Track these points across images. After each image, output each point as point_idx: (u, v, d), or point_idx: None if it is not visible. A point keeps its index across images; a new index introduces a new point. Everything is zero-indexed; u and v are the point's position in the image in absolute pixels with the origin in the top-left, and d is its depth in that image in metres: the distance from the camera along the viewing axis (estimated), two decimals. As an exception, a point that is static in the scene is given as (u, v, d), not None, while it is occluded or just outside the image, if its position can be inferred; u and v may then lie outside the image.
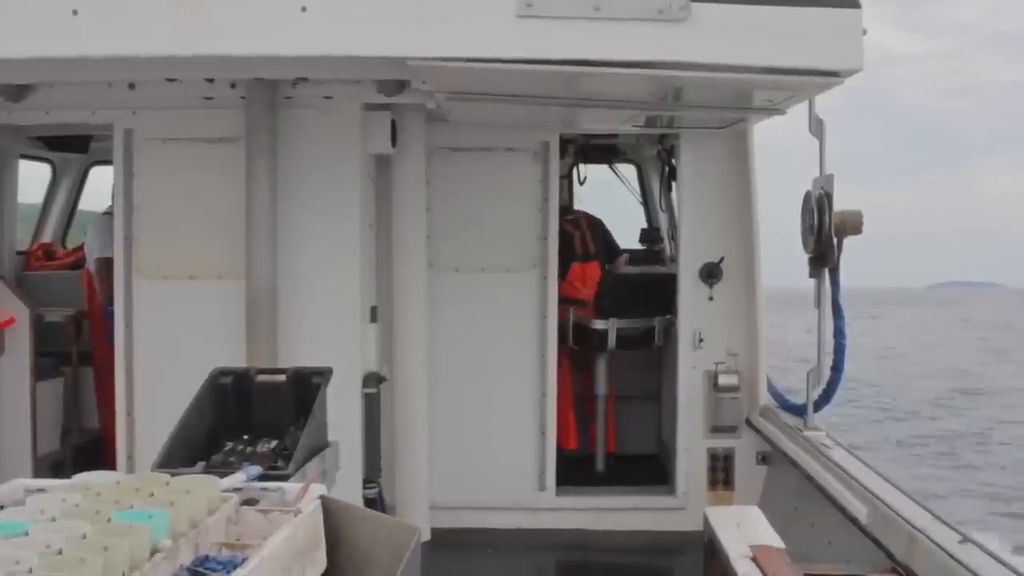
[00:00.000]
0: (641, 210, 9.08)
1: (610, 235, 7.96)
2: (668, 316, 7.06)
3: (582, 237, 7.44)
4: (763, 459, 6.30)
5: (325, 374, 3.92)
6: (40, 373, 6.28)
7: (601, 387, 7.36)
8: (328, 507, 2.67)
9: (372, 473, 5.71)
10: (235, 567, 2.20)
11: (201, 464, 3.33)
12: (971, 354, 40.04)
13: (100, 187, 8.32)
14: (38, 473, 5.92)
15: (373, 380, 5.70)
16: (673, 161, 7.25)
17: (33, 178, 8.31)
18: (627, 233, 8.80)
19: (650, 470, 7.21)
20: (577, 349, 7.15)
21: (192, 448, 3.52)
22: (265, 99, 5.37)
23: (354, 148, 5.63)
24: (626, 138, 8.00)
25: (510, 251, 6.41)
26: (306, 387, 3.87)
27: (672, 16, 4.18)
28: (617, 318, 7.07)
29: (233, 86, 5.42)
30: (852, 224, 5.35)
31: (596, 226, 7.70)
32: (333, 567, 2.64)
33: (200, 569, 2.21)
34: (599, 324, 7.06)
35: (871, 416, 22.69)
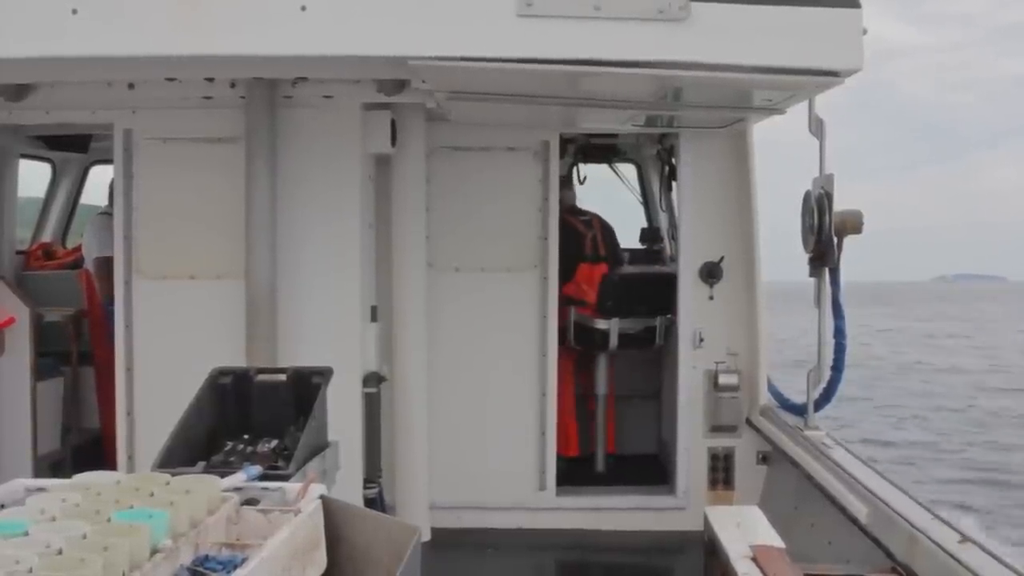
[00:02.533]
0: (641, 210, 9.08)
1: (616, 242, 7.90)
2: (669, 316, 7.06)
3: (593, 238, 7.42)
4: (763, 459, 6.30)
5: (325, 374, 3.92)
6: (40, 373, 6.27)
7: (601, 387, 7.36)
8: (328, 507, 2.67)
9: (372, 473, 5.71)
10: (235, 567, 2.20)
11: (201, 464, 3.33)
12: None
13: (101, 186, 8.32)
14: (38, 473, 5.91)
15: (373, 380, 5.69)
16: (673, 161, 7.24)
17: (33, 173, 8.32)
18: (627, 233, 8.81)
19: (650, 470, 7.21)
20: (579, 349, 7.15)
21: (192, 448, 3.52)
22: (265, 99, 5.37)
23: (354, 148, 5.63)
24: (626, 138, 7.99)
25: (510, 251, 6.41)
26: (306, 387, 3.87)
27: (672, 16, 4.18)
28: (620, 318, 7.07)
29: (233, 86, 5.42)
30: (852, 224, 5.36)
31: (607, 230, 7.69)
32: (333, 567, 2.64)
33: (200, 569, 2.21)
34: (601, 324, 7.06)
35: None
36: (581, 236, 7.26)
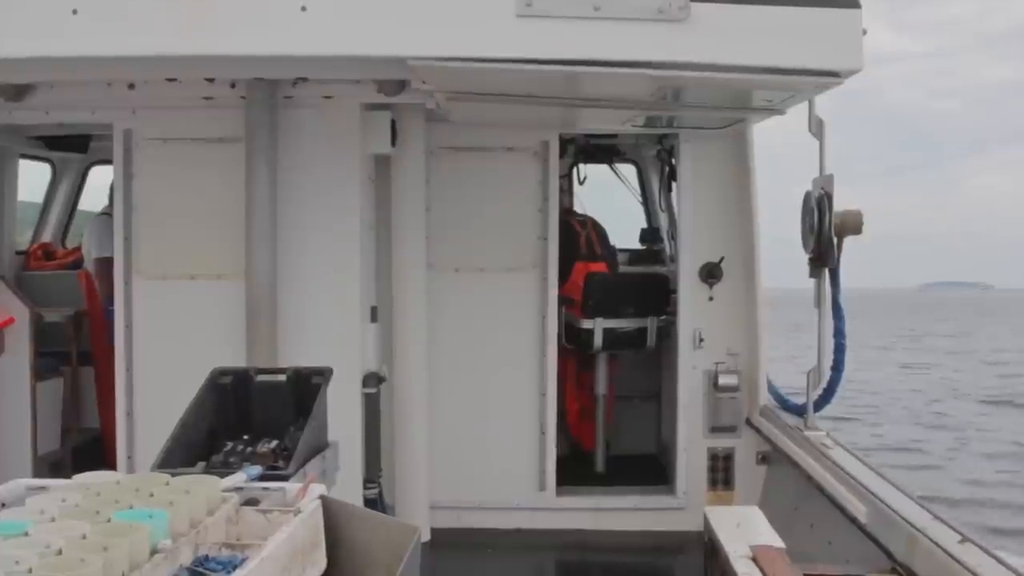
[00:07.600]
0: (641, 210, 9.08)
1: (609, 243, 7.88)
2: (662, 316, 7.05)
3: (588, 238, 7.43)
4: (763, 459, 6.30)
5: (325, 374, 3.91)
6: (40, 373, 6.28)
7: (601, 387, 7.36)
8: (328, 507, 2.67)
9: (372, 473, 5.71)
10: (235, 567, 2.19)
11: (201, 464, 3.33)
12: None
13: (100, 187, 8.30)
14: (38, 473, 5.91)
15: (373, 380, 5.70)
16: (673, 161, 7.24)
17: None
18: (627, 233, 8.80)
19: (650, 470, 7.21)
20: (571, 348, 7.15)
21: (192, 448, 3.52)
22: (265, 99, 5.36)
23: (354, 148, 5.63)
24: (626, 138, 7.98)
25: (510, 251, 6.40)
26: (306, 387, 3.86)
27: (672, 16, 4.18)
28: (604, 318, 7.05)
29: (233, 86, 5.42)
30: (852, 224, 5.36)
31: (600, 231, 7.70)
32: (333, 567, 2.64)
33: (200, 569, 2.21)
34: (586, 324, 7.04)
35: None
36: (576, 236, 7.26)
